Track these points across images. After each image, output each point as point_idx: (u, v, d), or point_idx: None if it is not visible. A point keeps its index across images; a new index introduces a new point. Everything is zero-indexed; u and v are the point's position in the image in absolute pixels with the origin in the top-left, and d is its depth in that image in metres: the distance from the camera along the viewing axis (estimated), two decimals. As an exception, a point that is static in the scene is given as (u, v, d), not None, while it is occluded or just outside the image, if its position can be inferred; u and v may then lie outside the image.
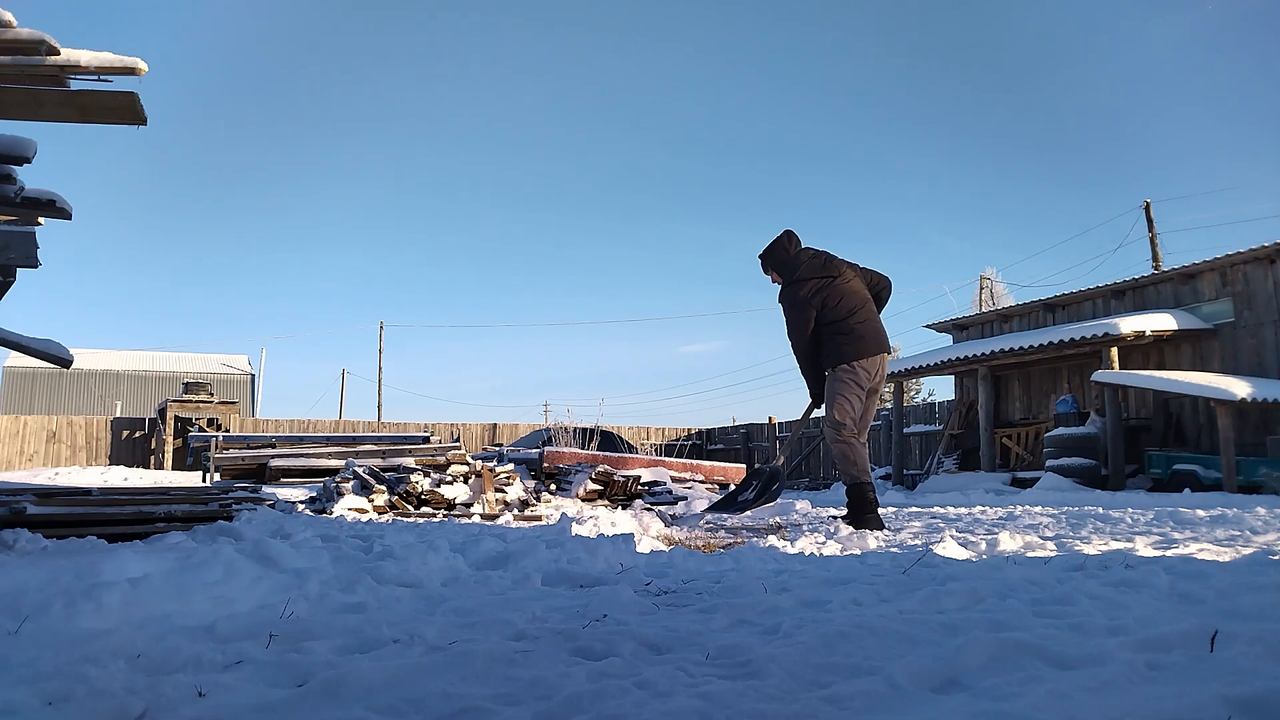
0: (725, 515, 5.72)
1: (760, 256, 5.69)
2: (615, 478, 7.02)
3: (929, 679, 1.39)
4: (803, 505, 7.65)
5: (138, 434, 21.07)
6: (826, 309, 5.33)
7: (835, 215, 66.50)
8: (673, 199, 70.55)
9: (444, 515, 6.03)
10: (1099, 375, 12.20)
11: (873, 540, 4.01)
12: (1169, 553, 3.23)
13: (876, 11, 65.45)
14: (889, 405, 17.82)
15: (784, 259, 5.52)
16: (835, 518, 5.40)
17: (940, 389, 47.33)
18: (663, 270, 73.58)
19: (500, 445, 18.98)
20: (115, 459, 20.32)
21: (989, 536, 3.93)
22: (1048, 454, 12.56)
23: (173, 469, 18.88)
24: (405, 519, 5.80)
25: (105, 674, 1.39)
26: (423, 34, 66.31)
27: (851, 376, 5.29)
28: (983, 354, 14.44)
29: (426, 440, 10.27)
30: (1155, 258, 20.55)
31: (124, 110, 3.43)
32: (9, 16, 3.17)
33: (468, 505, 6.34)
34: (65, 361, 4.74)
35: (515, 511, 6.30)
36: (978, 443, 15.05)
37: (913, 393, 32.62)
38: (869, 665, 1.47)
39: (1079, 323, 13.74)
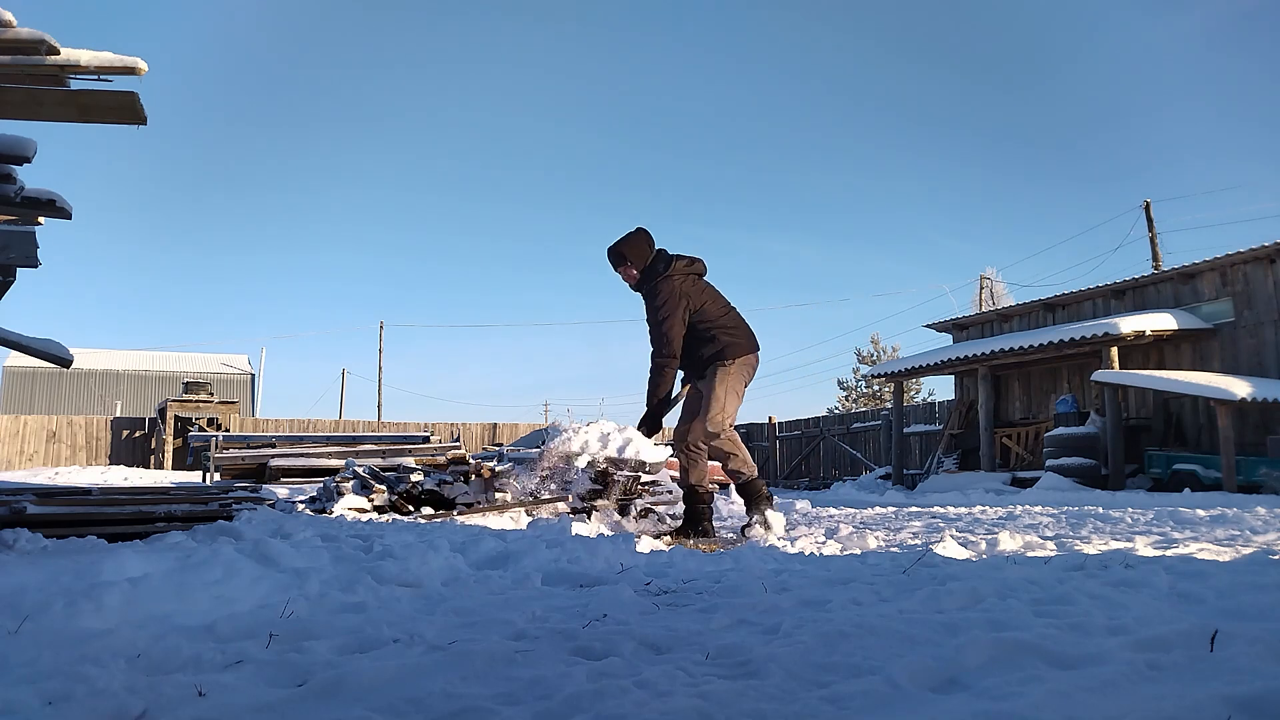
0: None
1: (615, 250, 5.03)
2: (615, 478, 7.00)
3: (929, 679, 1.39)
4: (802, 505, 7.67)
5: (138, 434, 21.07)
6: (704, 306, 4.94)
7: (835, 215, 66.58)
8: (673, 199, 70.60)
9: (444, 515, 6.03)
10: (1099, 375, 12.20)
11: (872, 540, 4.02)
12: (1169, 552, 3.23)
13: (876, 10, 65.50)
14: (889, 405, 17.82)
15: (646, 254, 5.03)
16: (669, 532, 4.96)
17: (940, 389, 47.39)
18: (663, 270, 73.28)
19: (500, 445, 18.96)
20: (115, 459, 20.32)
21: (989, 536, 3.93)
22: (1048, 454, 12.56)
23: (173, 469, 18.88)
24: (405, 519, 5.80)
25: (105, 674, 1.39)
26: (423, 34, 66.36)
27: (741, 373, 5.02)
28: (983, 354, 14.44)
29: (426, 440, 10.28)
30: (1155, 257, 20.54)
31: (124, 110, 3.43)
32: (9, 16, 3.16)
33: (468, 505, 6.33)
34: (65, 361, 4.74)
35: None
36: (978, 442, 15.05)
37: (913, 393, 32.60)
38: (869, 665, 1.47)
39: (1079, 323, 13.73)
